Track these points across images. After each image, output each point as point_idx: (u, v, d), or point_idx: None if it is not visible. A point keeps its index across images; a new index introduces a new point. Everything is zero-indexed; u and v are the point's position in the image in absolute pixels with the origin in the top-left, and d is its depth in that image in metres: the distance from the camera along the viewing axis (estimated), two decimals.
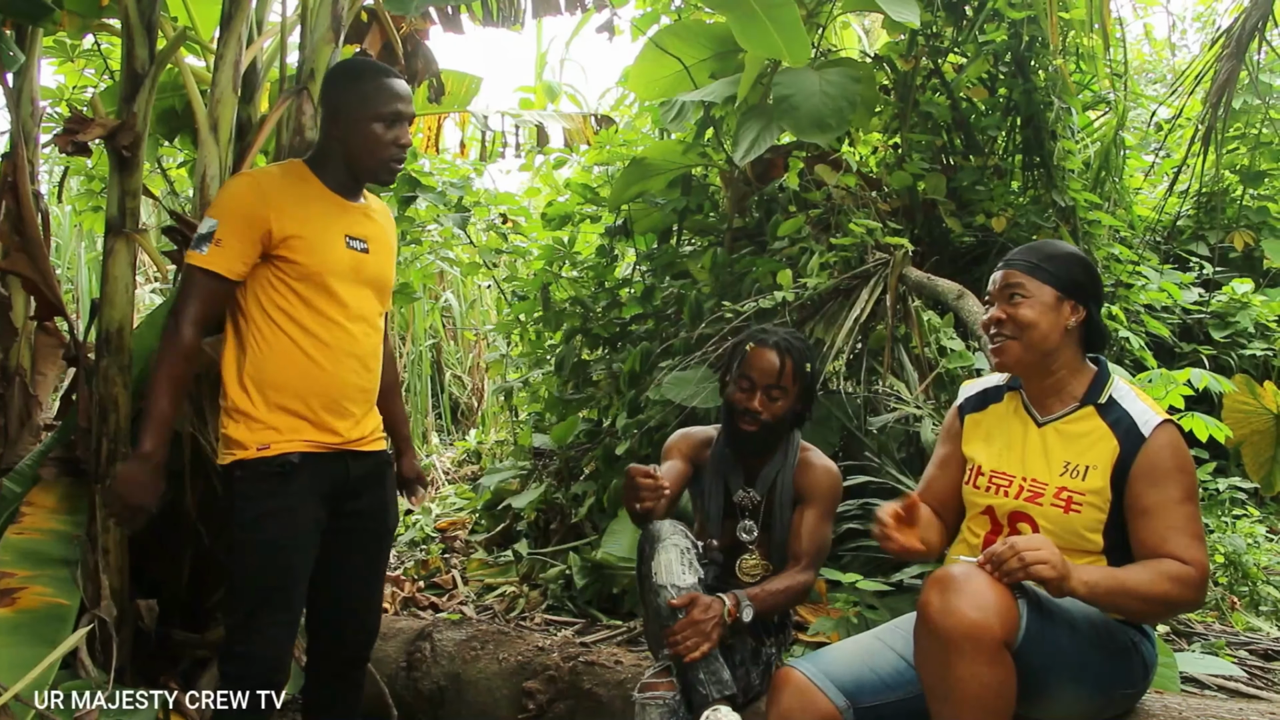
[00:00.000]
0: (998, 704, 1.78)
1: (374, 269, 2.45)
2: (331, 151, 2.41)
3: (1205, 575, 1.92)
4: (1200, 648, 3.29)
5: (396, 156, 2.38)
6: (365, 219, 2.47)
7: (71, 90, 4.97)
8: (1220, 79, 3.98)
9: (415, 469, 2.82)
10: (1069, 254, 2.12)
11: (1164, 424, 2.00)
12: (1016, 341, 2.08)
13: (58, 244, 8.38)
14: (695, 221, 5.24)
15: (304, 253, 2.30)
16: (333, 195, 2.41)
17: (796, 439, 2.65)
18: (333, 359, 2.34)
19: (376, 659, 3.19)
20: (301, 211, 2.33)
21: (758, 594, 2.38)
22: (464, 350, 10.48)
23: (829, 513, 2.59)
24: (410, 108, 2.40)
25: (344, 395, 2.37)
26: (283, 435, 2.29)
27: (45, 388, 3.87)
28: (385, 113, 2.34)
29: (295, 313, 2.32)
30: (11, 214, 3.41)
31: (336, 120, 2.37)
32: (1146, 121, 6.90)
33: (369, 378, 2.45)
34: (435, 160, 6.33)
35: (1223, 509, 4.43)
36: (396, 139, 2.37)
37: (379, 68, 2.43)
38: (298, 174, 2.41)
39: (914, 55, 4.72)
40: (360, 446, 2.43)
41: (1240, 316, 5.57)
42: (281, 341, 2.31)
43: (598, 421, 4.93)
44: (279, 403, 2.30)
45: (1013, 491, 2.10)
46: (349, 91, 2.36)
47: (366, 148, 2.35)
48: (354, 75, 2.39)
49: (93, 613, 2.90)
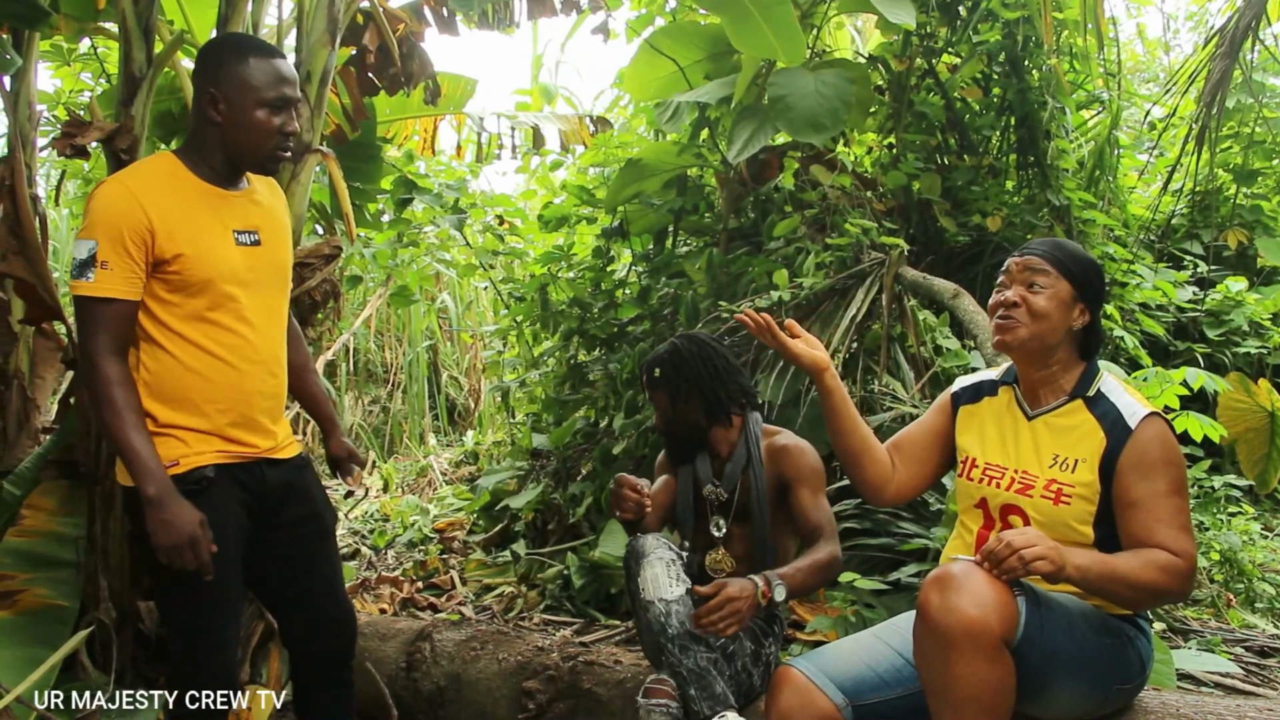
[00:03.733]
0: (997, 702, 1.79)
1: (269, 260, 2.27)
2: (207, 138, 2.17)
3: (1193, 566, 1.93)
4: (1196, 645, 3.30)
5: (283, 145, 2.18)
6: (251, 206, 2.26)
7: (68, 94, 4.98)
8: (1214, 78, 3.99)
9: (345, 447, 2.63)
10: (1089, 259, 2.15)
11: (1150, 416, 2.01)
12: (1025, 327, 2.10)
13: (55, 247, 8.37)
14: (691, 222, 5.25)
15: (192, 263, 2.11)
16: (211, 188, 2.18)
17: (751, 430, 2.67)
18: (234, 372, 2.18)
19: (376, 659, 3.21)
20: (181, 214, 2.11)
21: (789, 572, 2.37)
22: (461, 352, 10.48)
23: (819, 487, 2.57)
24: (297, 91, 2.19)
25: (251, 408, 2.22)
26: (191, 449, 2.13)
27: (43, 391, 3.88)
28: (270, 97, 2.13)
29: (187, 328, 2.14)
30: (9, 217, 3.41)
31: (217, 104, 2.13)
32: (1140, 121, 6.92)
33: (275, 383, 2.29)
34: (431, 162, 6.34)
35: (1218, 506, 4.44)
36: (283, 126, 2.15)
37: (262, 46, 2.20)
38: (168, 170, 2.17)
39: (908, 55, 4.74)
40: (274, 454, 2.29)
41: (1234, 315, 5.59)
42: (177, 358, 2.13)
43: (595, 422, 4.94)
44: (181, 421, 2.14)
45: (1004, 483, 2.12)
46: (229, 72, 2.12)
47: (249, 136, 2.14)
48: (234, 53, 2.14)
49: (93, 614, 2.92)
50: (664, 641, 2.33)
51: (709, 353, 2.70)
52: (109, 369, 2.05)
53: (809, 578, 2.41)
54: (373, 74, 4.15)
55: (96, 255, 2.04)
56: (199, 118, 2.17)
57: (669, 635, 2.32)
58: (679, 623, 2.33)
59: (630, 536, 2.48)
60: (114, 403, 2.04)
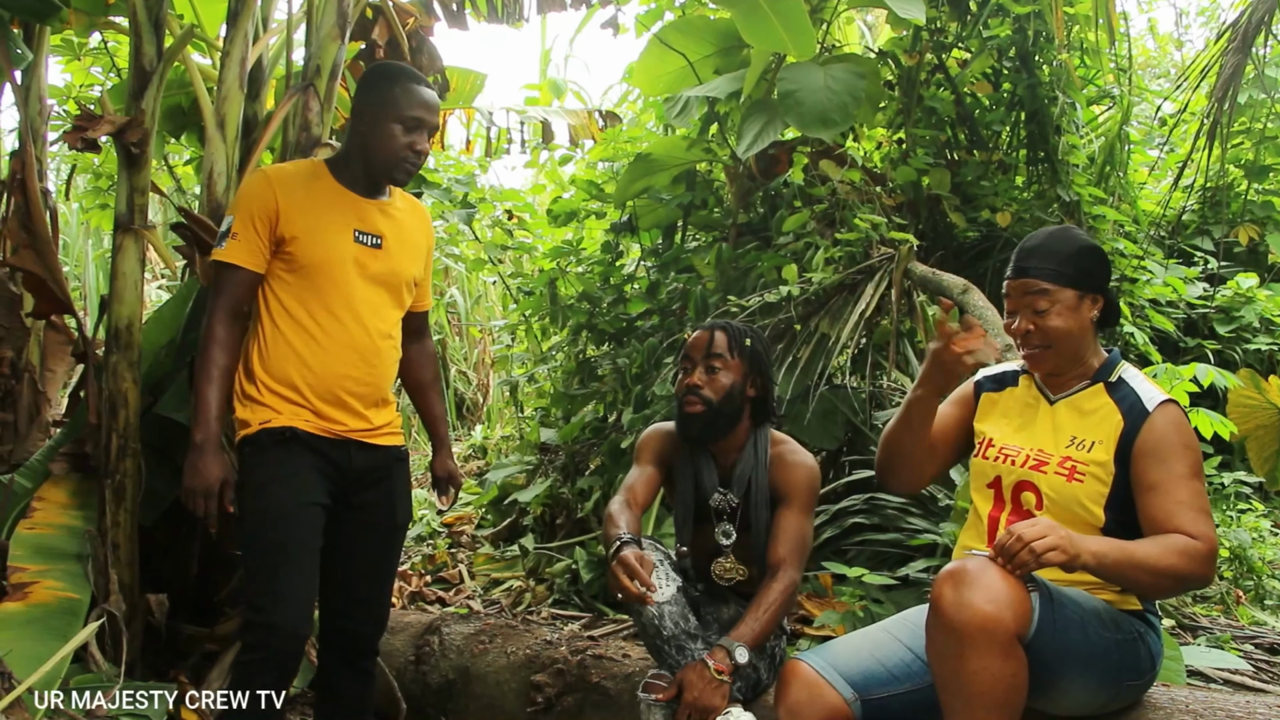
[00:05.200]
0: (1010, 697, 1.79)
1: (385, 265, 2.47)
2: (352, 149, 2.46)
3: (1214, 550, 1.92)
4: (1206, 641, 3.29)
5: (410, 159, 2.42)
6: (382, 215, 2.49)
7: (79, 88, 5.00)
8: (1225, 73, 3.97)
9: (448, 468, 2.84)
10: (1078, 248, 2.12)
11: (1167, 402, 2.02)
12: (1050, 350, 2.11)
13: (65, 241, 8.40)
14: (700, 217, 5.24)
15: (306, 245, 2.36)
16: (346, 191, 2.45)
17: (765, 436, 2.57)
18: (327, 352, 2.38)
19: (385, 652, 3.21)
20: (308, 203, 2.38)
21: (745, 632, 2.31)
22: (470, 346, 10.49)
23: (808, 507, 2.51)
24: (434, 118, 2.44)
25: (339, 387, 2.40)
26: (284, 415, 2.36)
27: (54, 384, 3.89)
28: (406, 115, 2.38)
29: (296, 307, 2.38)
30: (20, 211, 3.42)
31: (360, 118, 2.41)
32: (1151, 116, 6.89)
33: (370, 373, 2.45)
34: (440, 157, 6.34)
35: (1228, 503, 4.43)
36: (413, 143, 2.40)
37: (412, 74, 2.47)
38: (311, 171, 2.47)
39: (918, 50, 4.72)
40: (366, 438, 2.46)
41: (1245, 311, 5.56)
42: (283, 333, 2.38)
43: (603, 417, 4.94)
44: (279, 391, 2.36)
45: (1019, 461, 2.12)
46: (377, 91, 2.40)
47: (381, 145, 2.39)
48: (386, 78, 2.43)
49: (103, 607, 2.93)
50: (660, 643, 2.33)
51: (768, 352, 2.65)
52: (217, 328, 2.36)
53: (771, 621, 2.35)
54: None
55: (231, 228, 2.37)
56: (350, 131, 2.47)
57: (664, 637, 2.32)
58: (673, 623, 2.33)
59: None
60: (207, 357, 2.34)
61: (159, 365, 3.32)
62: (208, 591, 3.32)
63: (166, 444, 3.20)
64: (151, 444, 3.15)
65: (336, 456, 2.40)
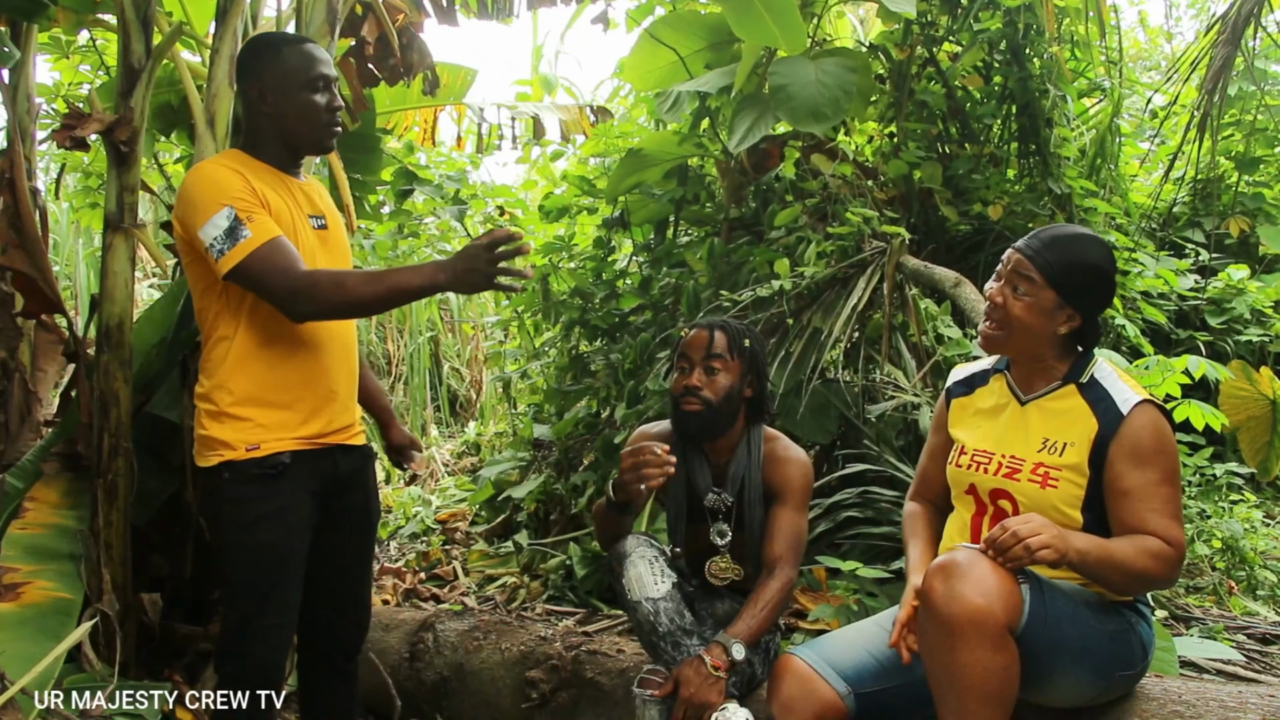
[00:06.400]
0: (1002, 689, 1.80)
1: (335, 244, 2.39)
2: (263, 132, 2.30)
3: (1182, 554, 1.94)
4: (1198, 632, 3.30)
5: (333, 121, 2.31)
6: (315, 195, 2.41)
7: (67, 86, 4.97)
8: (1216, 65, 3.98)
9: (406, 435, 2.74)
10: (1085, 262, 2.06)
11: (1143, 404, 2.00)
12: (1002, 333, 2.11)
13: (55, 240, 8.37)
14: (692, 212, 5.24)
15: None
16: (284, 175, 2.32)
17: (759, 434, 2.56)
18: (322, 348, 2.29)
19: (379, 650, 3.21)
20: (270, 193, 2.24)
21: (742, 629, 2.31)
22: (462, 343, 10.48)
23: (802, 504, 2.50)
24: (332, 69, 2.32)
25: (336, 382, 2.33)
26: (271, 434, 2.21)
27: (45, 384, 3.87)
28: (313, 78, 2.26)
29: (271, 307, 2.20)
30: (9, 211, 3.40)
31: (264, 100, 2.27)
32: (1142, 108, 6.90)
33: (352, 361, 2.41)
34: (432, 153, 6.33)
35: (1220, 494, 4.45)
36: (330, 103, 2.29)
37: (290, 36, 2.37)
38: (243, 160, 2.29)
39: (909, 44, 4.72)
40: (347, 439, 2.38)
41: (1236, 303, 5.59)
42: (261, 338, 2.22)
43: (596, 412, 4.94)
44: (268, 399, 2.21)
45: (991, 469, 2.12)
46: (268, 65, 2.26)
47: (302, 117, 2.27)
48: (268, 49, 2.29)
49: (96, 607, 2.91)
50: (655, 640, 2.34)
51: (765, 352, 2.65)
52: (320, 277, 2.11)
53: (767, 619, 2.35)
54: (372, 65, 4.14)
55: (238, 214, 2.11)
56: (251, 116, 2.30)
57: (660, 633, 2.33)
58: (668, 619, 2.33)
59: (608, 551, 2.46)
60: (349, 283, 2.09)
61: (150, 364, 3.32)
62: (201, 590, 3.31)
63: (158, 443, 3.20)
64: (143, 443, 3.14)
65: (324, 469, 2.31)
